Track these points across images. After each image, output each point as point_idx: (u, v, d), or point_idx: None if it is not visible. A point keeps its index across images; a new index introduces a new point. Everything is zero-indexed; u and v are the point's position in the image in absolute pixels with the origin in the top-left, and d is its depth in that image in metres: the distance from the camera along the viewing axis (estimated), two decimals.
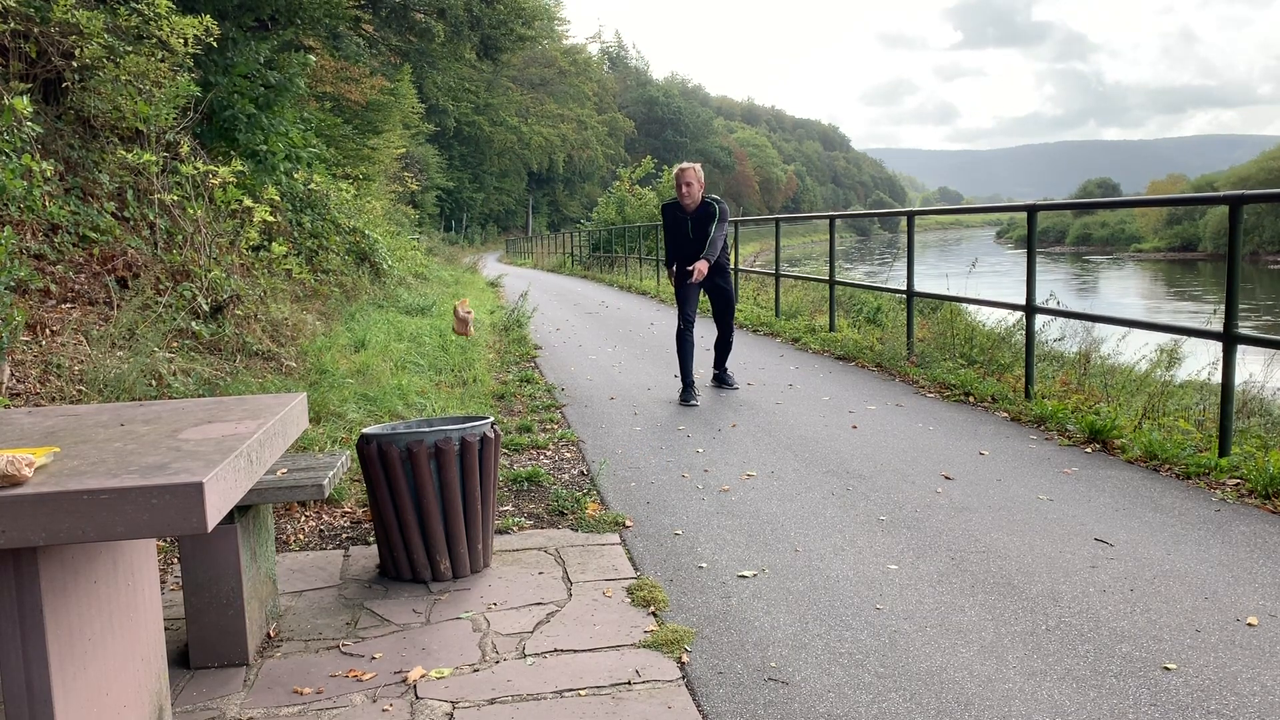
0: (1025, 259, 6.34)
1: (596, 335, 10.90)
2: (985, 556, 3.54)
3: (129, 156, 6.60)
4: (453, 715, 2.52)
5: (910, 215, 8.28)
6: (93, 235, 6.01)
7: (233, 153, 8.90)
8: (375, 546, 3.79)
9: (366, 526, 4.12)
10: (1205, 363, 5.84)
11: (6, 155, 5.06)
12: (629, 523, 4.08)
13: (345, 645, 2.97)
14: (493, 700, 2.59)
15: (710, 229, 6.79)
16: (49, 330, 4.93)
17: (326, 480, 3.15)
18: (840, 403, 6.50)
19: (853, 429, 5.68)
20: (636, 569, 3.55)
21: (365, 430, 3.56)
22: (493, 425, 3.60)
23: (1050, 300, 7.29)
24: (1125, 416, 5.50)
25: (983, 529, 3.84)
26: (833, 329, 9.70)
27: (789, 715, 2.46)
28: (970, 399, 6.44)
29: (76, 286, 5.52)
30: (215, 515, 1.59)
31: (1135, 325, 6.16)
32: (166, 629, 3.02)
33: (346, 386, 6.05)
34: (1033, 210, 6.33)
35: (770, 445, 5.36)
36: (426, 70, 18.46)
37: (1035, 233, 6.34)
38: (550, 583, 3.44)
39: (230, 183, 7.35)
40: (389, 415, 5.60)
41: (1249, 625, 2.89)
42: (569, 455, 5.32)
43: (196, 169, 7.11)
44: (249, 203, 7.62)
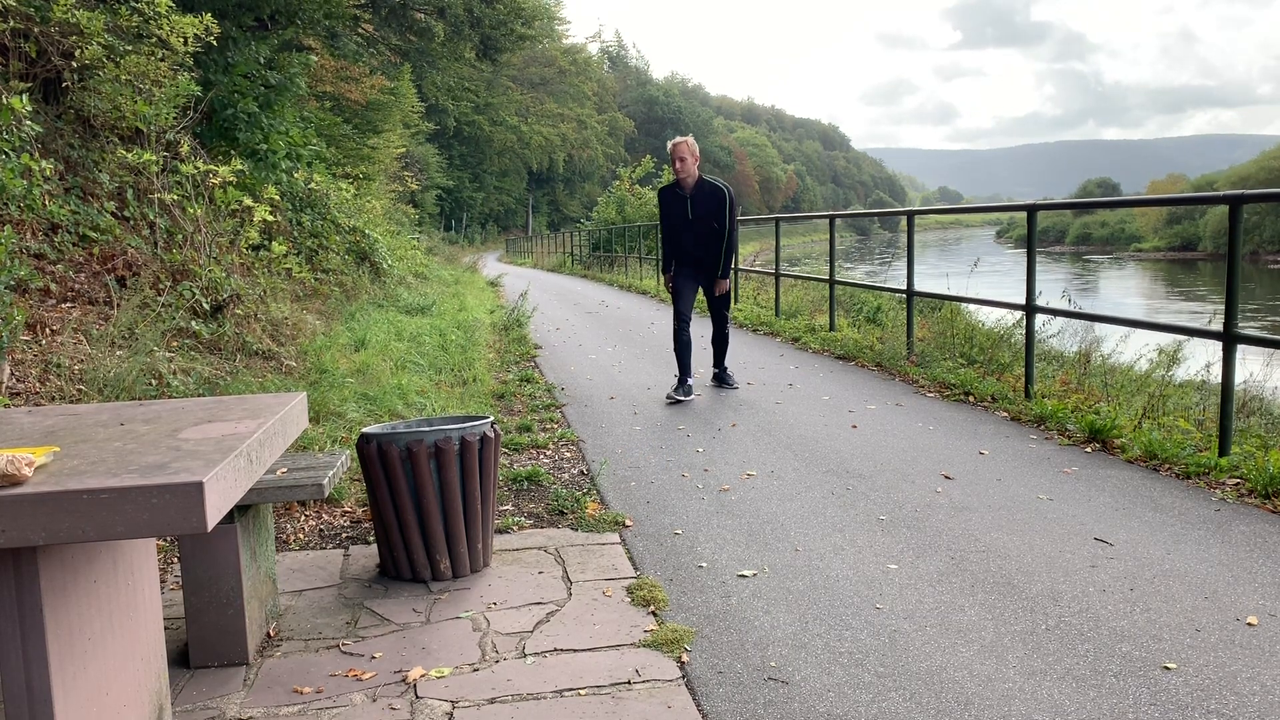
0: (1025, 258, 6.35)
1: (596, 335, 10.90)
2: (985, 556, 3.54)
3: (129, 156, 6.60)
4: (453, 715, 2.52)
5: (910, 215, 8.28)
6: (93, 234, 6.01)
7: (233, 152, 8.90)
8: (375, 546, 3.79)
9: (366, 526, 4.12)
10: (1205, 363, 5.85)
11: (6, 154, 5.06)
12: (629, 522, 4.08)
13: (345, 645, 2.97)
14: (492, 700, 2.59)
15: (712, 210, 6.72)
16: (49, 329, 4.93)
17: (326, 480, 3.15)
18: (840, 402, 6.50)
19: (853, 428, 5.68)
20: (636, 568, 3.55)
21: (365, 430, 3.56)
22: (493, 425, 3.60)
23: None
24: (1125, 416, 5.49)
25: (983, 528, 3.84)
26: (833, 328, 9.70)
27: (789, 715, 2.46)
28: (970, 398, 6.44)
29: (76, 286, 5.52)
30: (215, 515, 1.59)
31: (1135, 325, 6.16)
32: (166, 628, 3.02)
33: (346, 386, 6.05)
34: (1032, 210, 6.34)
35: (770, 445, 5.36)
36: (426, 70, 18.48)
37: (1035, 232, 6.34)
38: (550, 582, 3.44)
39: (230, 182, 7.35)
40: (389, 415, 5.59)
41: (1249, 625, 2.89)
42: (569, 455, 5.32)
43: (196, 168, 7.11)
44: (249, 202, 7.63)
